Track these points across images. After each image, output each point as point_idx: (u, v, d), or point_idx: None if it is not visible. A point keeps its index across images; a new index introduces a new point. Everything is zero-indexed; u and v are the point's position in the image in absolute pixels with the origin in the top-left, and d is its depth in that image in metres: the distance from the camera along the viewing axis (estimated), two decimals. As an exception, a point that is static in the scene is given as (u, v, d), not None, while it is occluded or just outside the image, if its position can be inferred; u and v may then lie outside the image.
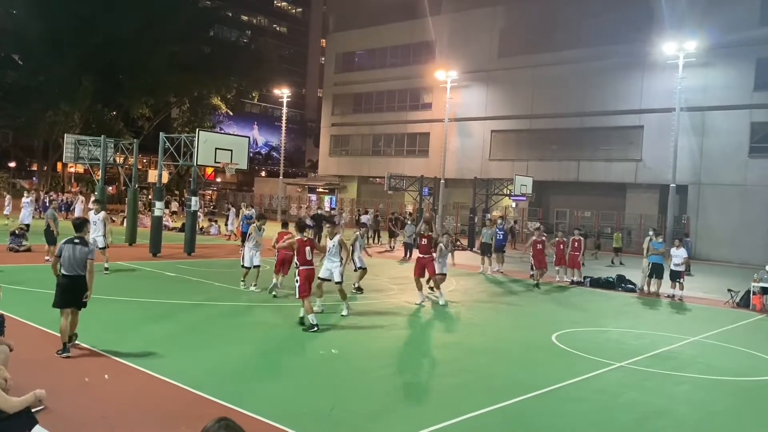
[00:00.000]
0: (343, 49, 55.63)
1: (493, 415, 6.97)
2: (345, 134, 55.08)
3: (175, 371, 7.65)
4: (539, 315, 13.91)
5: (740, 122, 33.70)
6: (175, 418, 6.32)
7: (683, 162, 33.39)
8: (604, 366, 9.43)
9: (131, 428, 6.03)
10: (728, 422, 7.44)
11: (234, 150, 20.56)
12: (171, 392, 7.04)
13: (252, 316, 11.85)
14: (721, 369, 9.89)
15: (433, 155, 46.37)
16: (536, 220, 28.98)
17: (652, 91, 36.22)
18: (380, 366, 8.86)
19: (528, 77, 41.54)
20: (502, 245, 21.93)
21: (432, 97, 47.42)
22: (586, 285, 19.22)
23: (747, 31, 32.71)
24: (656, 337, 11.98)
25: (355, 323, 11.70)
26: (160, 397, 6.89)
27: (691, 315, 15.45)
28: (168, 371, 7.63)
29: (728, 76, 33.98)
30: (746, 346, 11.69)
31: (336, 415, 6.69)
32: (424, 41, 47.44)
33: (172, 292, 13.51)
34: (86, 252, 8.07)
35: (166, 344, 9.13)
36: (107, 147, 23.58)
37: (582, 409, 7.53)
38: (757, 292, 16.60)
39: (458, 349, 10.25)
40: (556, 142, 41.20)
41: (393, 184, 33.46)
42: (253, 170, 72.48)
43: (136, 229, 23.09)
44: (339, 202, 51.32)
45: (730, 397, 8.51)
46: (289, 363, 8.82)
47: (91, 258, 8.11)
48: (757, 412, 7.88)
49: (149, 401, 6.74)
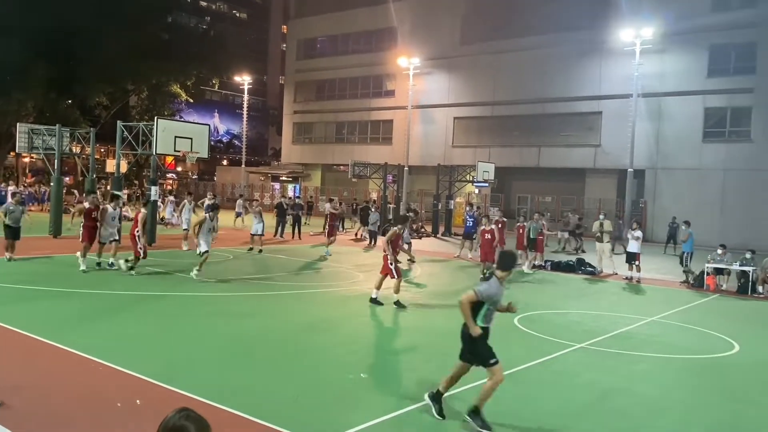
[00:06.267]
0: (305, 36, 55.09)
1: (458, 397, 7.08)
2: (308, 122, 54.69)
3: (135, 363, 7.56)
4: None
5: (694, 108, 34.58)
6: (136, 410, 6.25)
7: (640, 147, 34.15)
8: (565, 347, 9.66)
9: (92, 422, 5.94)
10: (684, 398, 7.70)
11: (194, 138, 20.27)
12: (133, 384, 6.95)
13: (213, 306, 11.74)
14: (677, 347, 10.22)
15: (396, 142, 46.42)
16: (496, 209, 29.25)
17: (611, 78, 36.87)
18: (347, 352, 8.89)
19: (489, 64, 41.81)
20: (471, 232, 22.15)
21: (395, 84, 47.38)
22: (547, 268, 19.59)
23: (700, 18, 33.51)
24: (615, 318, 12.30)
25: (316, 309, 11.71)
26: (122, 390, 6.80)
27: (648, 296, 15.90)
28: (128, 363, 7.53)
29: (683, 62, 34.78)
30: (700, 325, 12.10)
31: (304, 403, 6.71)
32: (387, 28, 47.27)
33: (131, 283, 13.28)
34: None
35: (124, 336, 9.00)
36: (63, 136, 22.96)
37: (544, 389, 7.71)
38: (711, 273, 17.19)
39: (421, 333, 10.35)
40: (518, 128, 41.66)
41: (357, 172, 33.41)
42: (214, 159, 71.40)
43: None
44: (303, 191, 51.06)
45: (686, 374, 8.81)
46: (254, 352, 8.78)
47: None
48: (711, 388, 8.18)
49: (110, 394, 6.64)
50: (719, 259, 17.35)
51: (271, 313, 11.43)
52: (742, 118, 33.72)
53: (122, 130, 20.67)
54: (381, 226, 25.58)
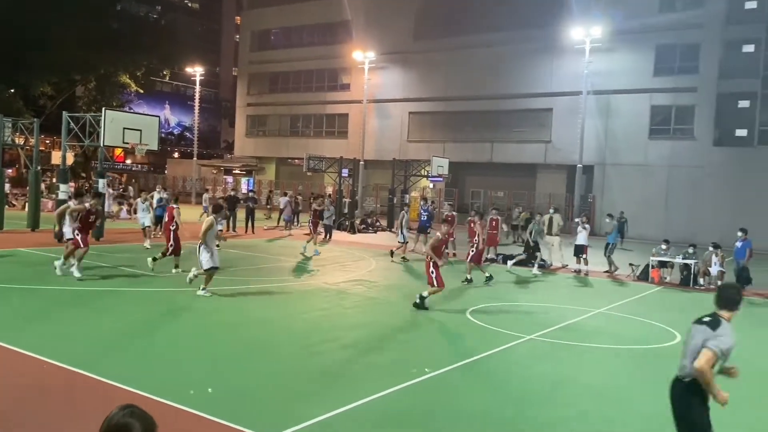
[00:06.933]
0: (259, 27, 54.35)
1: (411, 390, 7.15)
2: (262, 114, 54.04)
3: (82, 361, 7.38)
4: (455, 292, 14.31)
5: (641, 105, 35.60)
6: (81, 408, 6.10)
7: (589, 143, 35.00)
8: (516, 339, 9.85)
9: (35, 420, 5.77)
10: (628, 387, 7.98)
11: (144, 130, 19.85)
12: (78, 381, 6.78)
13: (161, 301, 11.53)
14: (622, 338, 10.56)
15: (352, 136, 46.34)
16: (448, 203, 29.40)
17: (561, 75, 37.61)
18: (301, 347, 8.86)
19: (444, 60, 42.09)
20: (426, 226, 22.26)
21: (350, 78, 47.23)
22: (500, 262, 19.90)
23: (648, 18, 34.48)
24: (564, 310, 12.61)
25: (274, 304, 11.63)
26: (66, 386, 6.63)
27: (595, 289, 16.34)
28: (73, 360, 7.34)
29: (631, 61, 35.73)
30: (645, 316, 12.51)
31: (254, 396, 6.67)
32: (342, 21, 47.05)
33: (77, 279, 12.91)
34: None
35: (70, 333, 8.77)
36: (4, 127, 22.12)
37: (497, 380, 7.86)
38: (656, 266, 17.78)
39: (375, 327, 10.40)
40: (472, 124, 42.11)
41: (312, 166, 33.19)
42: (165, 151, 69.85)
43: (39, 214, 21.89)
44: (257, 184, 50.46)
45: (630, 363, 9.12)
46: (207, 348, 8.66)
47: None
48: (653, 377, 8.45)
49: (55, 392, 6.46)
50: (663, 253, 17.96)
51: (226, 309, 11.28)
52: (686, 116, 34.88)
53: (68, 121, 20.07)
54: (336, 220, 25.52)
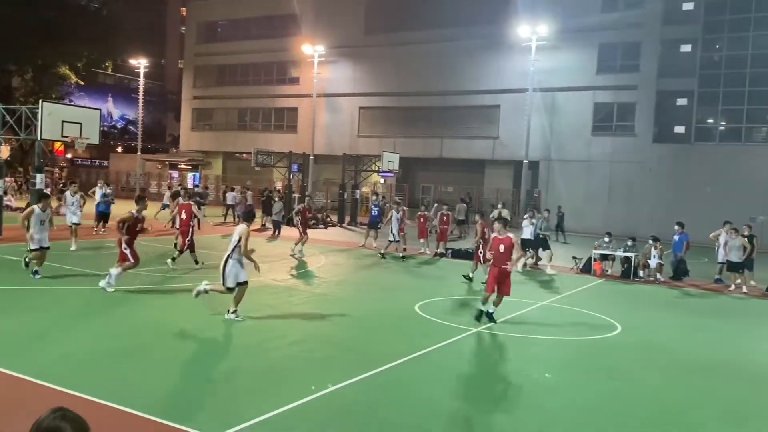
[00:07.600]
0: (205, 19, 53.24)
1: (360, 384, 7.16)
2: (208, 107, 53.01)
3: (23, 365, 7.11)
4: (404, 286, 14.43)
5: (585, 102, 36.55)
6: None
7: (535, 139, 35.74)
8: (464, 332, 9.99)
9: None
10: (572, 377, 8.20)
11: (84, 123, 19.17)
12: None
13: (108, 302, 11.21)
14: (566, 330, 10.85)
15: (302, 131, 45.97)
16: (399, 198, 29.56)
17: (508, 72, 38.20)
18: (249, 344, 8.76)
19: (393, 55, 42.18)
20: (376, 221, 22.32)
21: (300, 72, 46.76)
22: (449, 256, 20.14)
23: (590, 17, 35.36)
24: (509, 303, 12.82)
25: (221, 302, 11.45)
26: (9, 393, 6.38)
27: (539, 281, 16.70)
28: (17, 366, 7.06)
29: (575, 59, 36.59)
30: (587, 308, 12.88)
31: (200, 395, 6.56)
32: (291, 14, 46.48)
33: (18, 278, 12.41)
34: None
35: (13, 335, 8.43)
36: (-68, 118, 21.04)
37: (445, 373, 7.95)
38: (598, 259, 18.31)
39: (324, 322, 10.38)
40: (422, 119, 42.37)
41: (260, 160, 32.75)
42: (108, 145, 67.65)
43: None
44: (203, 179, 49.52)
45: (573, 355, 9.37)
46: (149, 348, 8.47)
47: None
48: (595, 367, 8.74)
49: None
50: (606, 246, 18.50)
51: (170, 307, 11.06)
52: (627, 113, 35.99)
53: (3, 113, 19.23)
54: (285, 215, 25.32)
